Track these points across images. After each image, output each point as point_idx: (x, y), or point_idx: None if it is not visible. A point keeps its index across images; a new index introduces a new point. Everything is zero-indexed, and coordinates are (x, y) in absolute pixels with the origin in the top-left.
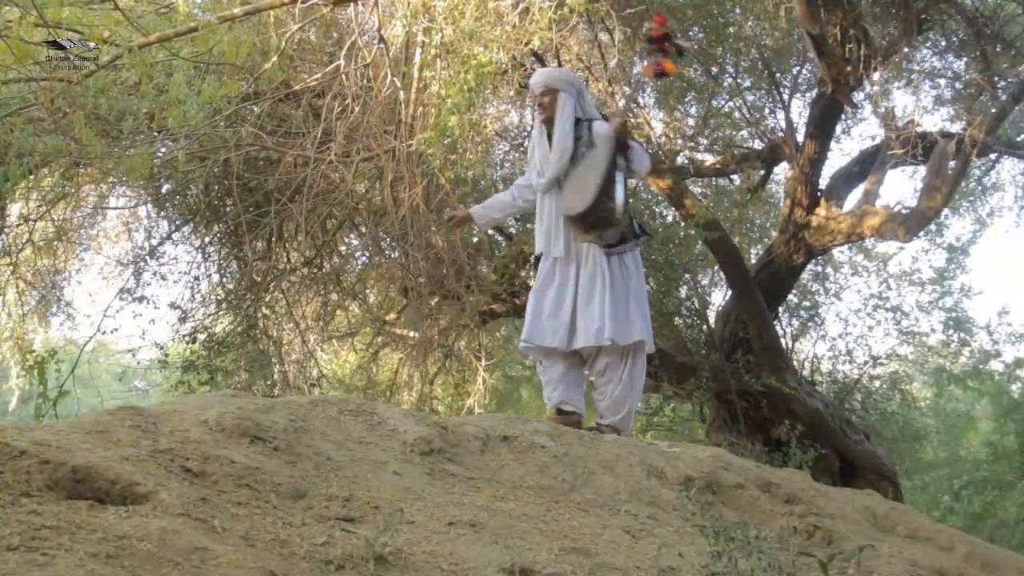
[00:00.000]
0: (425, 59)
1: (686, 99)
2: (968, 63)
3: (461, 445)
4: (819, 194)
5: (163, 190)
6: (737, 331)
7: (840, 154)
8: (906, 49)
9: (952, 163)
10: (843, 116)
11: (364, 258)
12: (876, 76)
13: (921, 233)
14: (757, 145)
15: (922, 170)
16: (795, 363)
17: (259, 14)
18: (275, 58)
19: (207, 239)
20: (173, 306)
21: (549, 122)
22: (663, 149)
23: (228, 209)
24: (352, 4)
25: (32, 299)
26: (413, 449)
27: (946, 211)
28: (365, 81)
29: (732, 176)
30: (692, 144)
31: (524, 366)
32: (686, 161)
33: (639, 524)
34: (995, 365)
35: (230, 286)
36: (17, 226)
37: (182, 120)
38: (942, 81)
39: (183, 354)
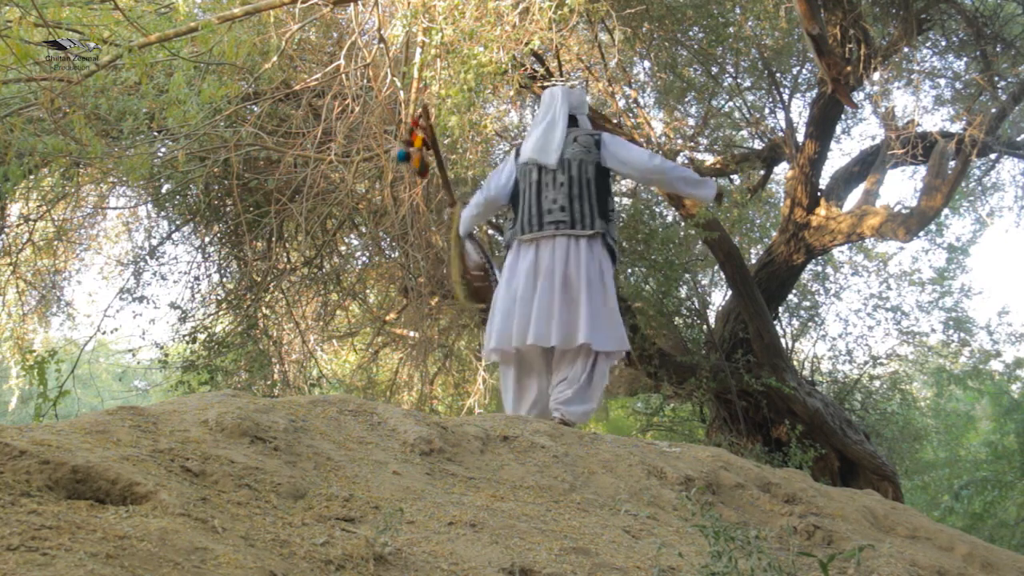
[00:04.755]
0: (425, 59)
1: (686, 99)
2: (968, 63)
3: (461, 445)
4: (819, 194)
5: (163, 190)
6: (737, 331)
7: (840, 154)
8: (906, 49)
9: (952, 163)
10: (843, 116)
11: (364, 258)
12: (876, 76)
13: (921, 233)
14: (757, 145)
15: (922, 170)
16: (795, 363)
17: (259, 14)
18: (275, 58)
19: (207, 239)
20: (173, 306)
21: None
22: (663, 149)
23: (228, 209)
24: (352, 4)
25: (32, 299)
26: (413, 449)
27: (946, 211)
28: (365, 81)
29: (732, 176)
30: (692, 144)
31: None
32: (686, 161)
33: (639, 524)
34: (995, 365)
35: (230, 286)
36: (17, 226)
37: (182, 120)
38: (942, 81)
39: (183, 354)
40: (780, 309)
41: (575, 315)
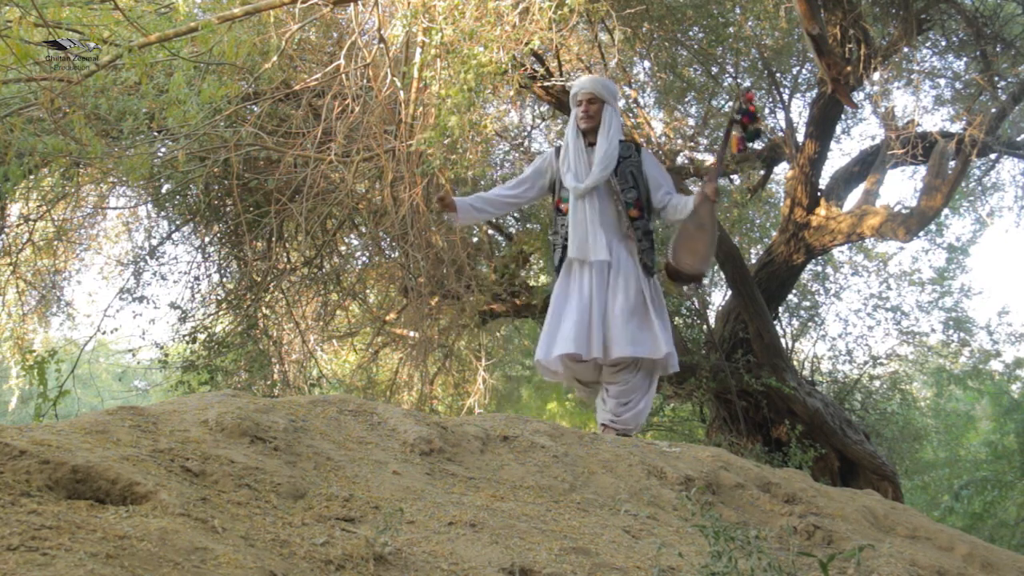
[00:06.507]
0: (425, 59)
1: (686, 99)
2: (968, 63)
3: (461, 445)
4: (819, 194)
5: (163, 190)
6: (737, 331)
7: (840, 154)
8: (906, 49)
9: (952, 163)
10: (843, 116)
11: (364, 258)
12: (876, 76)
13: (921, 233)
14: (757, 145)
15: (922, 170)
16: (795, 363)
17: (259, 14)
18: (275, 58)
19: (207, 239)
20: (173, 306)
21: (592, 131)
22: (663, 149)
23: (228, 209)
24: (352, 4)
25: (32, 299)
26: (413, 449)
27: (946, 211)
28: (365, 81)
29: (732, 176)
30: (692, 144)
31: (524, 366)
32: (686, 161)
33: (639, 524)
34: (995, 365)
35: (230, 286)
36: (17, 226)
37: (182, 120)
38: (942, 81)
39: (183, 354)
40: (780, 309)
41: None
